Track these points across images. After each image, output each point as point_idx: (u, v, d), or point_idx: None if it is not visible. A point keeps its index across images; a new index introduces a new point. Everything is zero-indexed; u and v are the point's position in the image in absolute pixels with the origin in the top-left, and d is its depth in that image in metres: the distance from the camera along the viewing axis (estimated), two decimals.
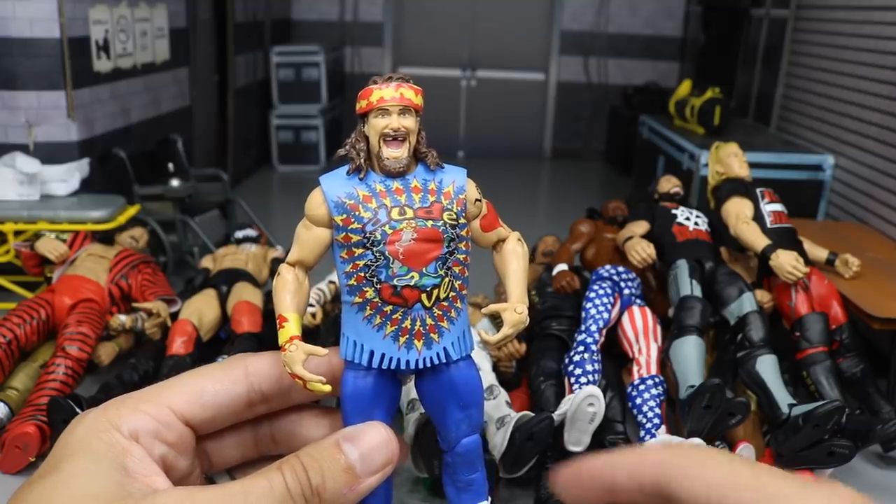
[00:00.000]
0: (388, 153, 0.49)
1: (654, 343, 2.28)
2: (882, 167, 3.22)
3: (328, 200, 0.50)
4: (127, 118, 3.66)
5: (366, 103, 0.51)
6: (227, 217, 3.80)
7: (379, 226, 0.48)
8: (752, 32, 4.76)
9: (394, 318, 0.48)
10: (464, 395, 0.51)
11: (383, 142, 0.50)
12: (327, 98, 5.73)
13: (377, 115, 0.50)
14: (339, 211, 0.49)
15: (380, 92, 0.50)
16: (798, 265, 2.35)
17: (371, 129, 0.50)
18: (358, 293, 0.48)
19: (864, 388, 2.32)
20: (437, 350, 0.49)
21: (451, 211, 0.50)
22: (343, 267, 0.49)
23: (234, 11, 4.93)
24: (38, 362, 2.36)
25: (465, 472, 0.51)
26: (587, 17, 6.35)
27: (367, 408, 0.49)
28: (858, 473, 2.20)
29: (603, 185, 5.70)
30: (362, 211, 0.49)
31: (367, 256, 0.48)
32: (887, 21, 3.23)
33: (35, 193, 2.99)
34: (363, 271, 0.48)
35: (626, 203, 3.00)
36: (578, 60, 6.41)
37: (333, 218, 0.49)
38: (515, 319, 0.52)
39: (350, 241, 0.48)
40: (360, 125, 0.51)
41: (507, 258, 0.55)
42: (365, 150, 0.51)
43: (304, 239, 0.52)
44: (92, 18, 3.29)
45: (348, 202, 0.49)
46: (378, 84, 0.51)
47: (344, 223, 0.49)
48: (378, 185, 0.50)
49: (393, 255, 0.48)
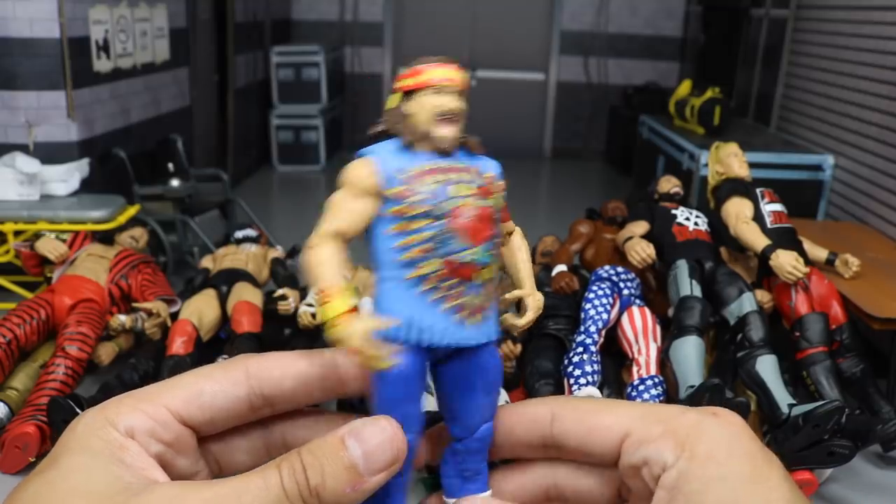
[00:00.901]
0: (442, 132, 0.49)
1: (653, 343, 2.28)
2: (882, 167, 3.22)
3: (382, 172, 0.48)
4: (127, 118, 3.66)
5: (419, 80, 0.50)
6: (227, 217, 3.80)
7: (443, 199, 0.47)
8: (752, 32, 4.76)
9: (452, 294, 0.48)
10: (491, 380, 0.50)
11: (437, 121, 0.49)
12: (327, 98, 5.73)
13: (431, 92, 0.50)
14: (393, 183, 0.48)
15: (436, 71, 0.50)
16: (798, 265, 2.35)
17: (422, 106, 0.50)
18: (415, 267, 0.47)
19: (864, 388, 2.32)
20: (485, 329, 0.49)
21: (494, 196, 0.50)
22: (393, 241, 0.47)
23: (234, 11, 4.93)
24: (38, 362, 2.36)
25: (478, 461, 0.50)
26: (587, 17, 6.35)
27: (412, 389, 0.47)
28: (858, 473, 2.20)
29: (603, 185, 5.70)
30: (422, 184, 0.48)
31: (431, 229, 0.47)
32: (887, 21, 3.23)
33: (35, 193, 2.99)
34: (427, 243, 0.47)
35: (626, 203, 3.00)
36: (578, 60, 6.41)
37: (385, 191, 0.48)
38: (538, 305, 0.53)
39: (408, 213, 0.47)
40: (398, 103, 0.51)
41: (516, 250, 0.56)
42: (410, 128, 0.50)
43: (347, 209, 0.49)
44: (92, 18, 3.29)
45: (403, 175, 0.48)
46: (431, 63, 0.51)
47: (402, 195, 0.48)
48: (428, 163, 0.49)
49: (456, 230, 0.47)
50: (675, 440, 0.40)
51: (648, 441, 0.41)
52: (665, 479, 0.39)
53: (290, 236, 3.81)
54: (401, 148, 0.50)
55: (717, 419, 0.41)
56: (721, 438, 0.40)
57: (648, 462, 0.41)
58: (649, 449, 0.41)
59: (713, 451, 0.39)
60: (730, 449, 0.39)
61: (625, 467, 0.43)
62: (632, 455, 0.42)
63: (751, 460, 0.39)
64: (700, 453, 0.39)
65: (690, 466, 0.39)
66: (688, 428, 0.40)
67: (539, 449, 0.47)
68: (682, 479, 0.39)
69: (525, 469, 0.49)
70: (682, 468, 0.39)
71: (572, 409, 0.46)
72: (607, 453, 0.44)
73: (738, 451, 0.39)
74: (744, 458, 0.39)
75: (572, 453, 0.46)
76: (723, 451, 0.39)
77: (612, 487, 0.45)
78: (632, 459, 0.42)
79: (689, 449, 0.39)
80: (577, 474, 0.47)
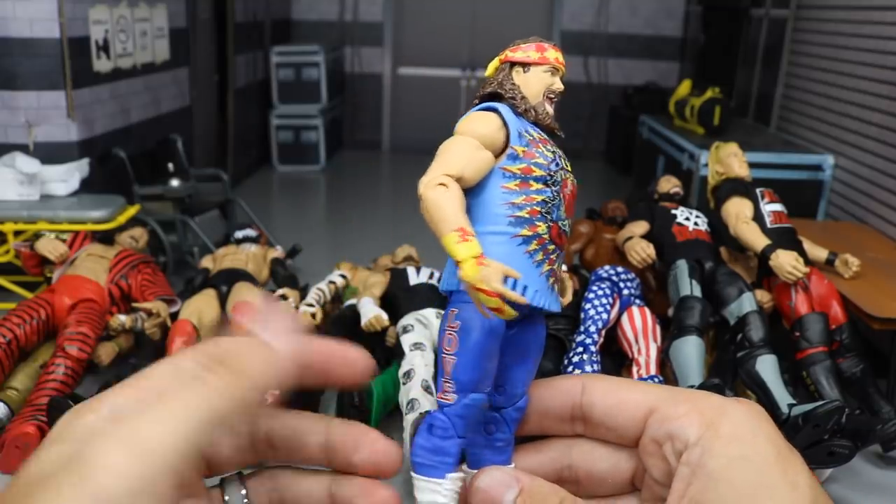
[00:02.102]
0: (549, 109, 0.52)
1: (653, 343, 2.28)
2: (882, 167, 3.22)
3: (510, 127, 0.49)
4: (127, 118, 3.66)
5: (539, 56, 0.52)
6: (227, 217, 3.80)
7: (558, 168, 0.49)
8: (752, 32, 4.76)
9: (551, 258, 0.48)
10: (542, 348, 0.51)
11: (546, 98, 0.52)
12: (327, 98, 5.73)
13: (548, 71, 0.52)
14: (521, 141, 0.49)
15: (554, 52, 0.53)
16: (798, 265, 2.35)
17: (536, 81, 0.52)
18: (528, 226, 0.47)
19: (864, 388, 2.32)
20: (556, 297, 0.50)
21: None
22: (509, 197, 0.48)
23: (234, 11, 4.93)
24: (38, 362, 2.36)
25: (510, 431, 0.49)
26: (587, 17, 6.35)
27: (494, 346, 0.47)
28: (858, 473, 2.20)
29: (603, 185, 5.70)
30: (544, 149, 0.50)
31: (545, 192, 0.48)
32: (887, 21, 3.23)
33: (35, 193, 2.99)
34: (540, 206, 0.48)
35: (626, 203, 3.00)
36: (578, 60, 6.41)
37: (513, 147, 0.48)
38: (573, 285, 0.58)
39: (530, 173, 0.48)
40: (511, 73, 0.52)
41: None
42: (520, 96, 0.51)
43: (471, 157, 0.48)
44: (92, 18, 3.29)
45: (528, 136, 0.50)
46: (548, 43, 0.53)
47: (526, 155, 0.49)
48: (537, 133, 0.51)
49: (564, 198, 0.49)
50: (701, 418, 0.41)
51: (674, 417, 0.42)
52: (688, 456, 0.40)
53: (290, 236, 3.81)
54: (516, 112, 0.51)
55: (742, 404, 0.41)
56: (745, 421, 0.40)
57: (672, 437, 0.41)
58: (674, 425, 0.41)
59: (738, 431, 0.40)
60: (754, 431, 0.40)
61: (647, 443, 0.43)
62: (656, 430, 0.42)
63: (774, 445, 0.39)
64: (725, 433, 0.40)
65: (715, 445, 0.39)
66: (713, 409, 0.41)
67: (566, 422, 0.47)
68: (706, 456, 0.39)
69: (541, 449, 0.49)
70: (707, 446, 0.39)
71: (603, 383, 0.47)
72: (631, 427, 0.44)
73: (761, 435, 0.40)
74: (768, 442, 0.39)
75: (597, 426, 0.46)
76: (747, 431, 0.40)
77: (627, 472, 0.46)
78: (656, 434, 0.42)
79: (714, 428, 0.40)
80: (594, 456, 0.47)
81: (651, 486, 0.43)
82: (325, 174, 5.76)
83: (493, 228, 0.47)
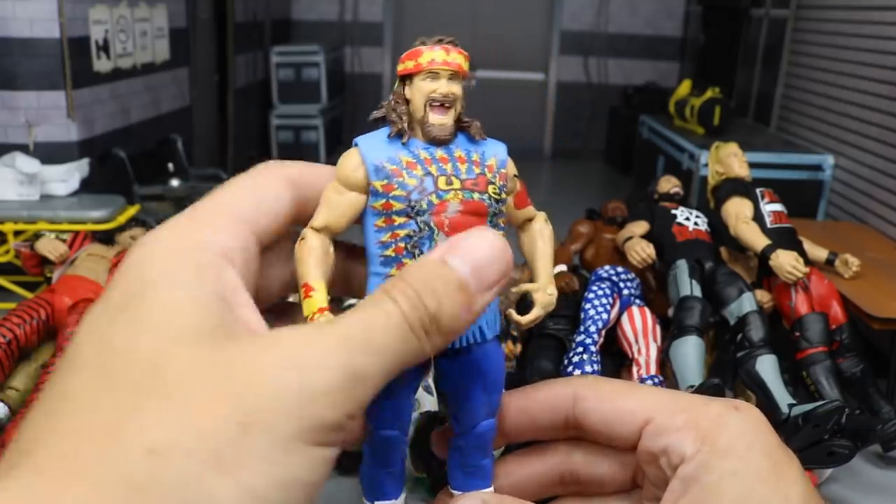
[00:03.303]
0: (434, 119, 0.47)
1: (653, 343, 2.28)
2: (882, 167, 3.22)
3: (367, 163, 0.46)
4: (127, 118, 3.66)
5: (413, 64, 0.48)
6: None
7: (425, 195, 0.45)
8: (752, 32, 4.76)
9: None
10: (490, 377, 0.49)
11: (430, 107, 0.47)
12: (327, 98, 5.73)
13: (425, 77, 0.47)
14: (378, 175, 0.46)
15: (430, 54, 0.48)
16: (798, 265, 2.35)
17: (417, 92, 0.47)
18: (395, 264, 0.45)
19: (864, 388, 2.32)
20: (473, 329, 0.47)
21: (494, 185, 0.48)
22: (378, 236, 0.46)
23: (234, 11, 4.93)
24: (38, 362, 2.35)
25: (478, 457, 0.48)
26: (587, 17, 6.35)
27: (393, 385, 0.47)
28: (858, 473, 2.20)
29: (603, 185, 5.70)
30: (406, 177, 0.46)
31: (409, 226, 0.45)
32: (887, 21, 3.23)
33: (35, 193, 2.99)
34: (404, 241, 0.45)
35: (626, 203, 3.00)
36: (578, 60, 6.41)
37: (372, 183, 0.46)
38: (546, 301, 0.51)
39: (391, 208, 0.45)
40: (399, 87, 0.48)
41: (535, 239, 0.53)
42: (406, 114, 0.48)
43: (334, 203, 0.47)
44: (92, 18, 3.29)
45: (390, 167, 0.46)
46: (427, 45, 0.48)
47: (385, 189, 0.45)
48: (422, 152, 0.47)
49: (438, 227, 0.45)
50: (697, 432, 0.40)
51: (670, 430, 0.41)
52: (682, 470, 0.40)
53: None
54: (392, 137, 0.47)
55: (739, 413, 0.41)
56: (742, 433, 0.40)
57: (668, 451, 0.41)
58: (670, 438, 0.41)
59: (733, 444, 0.39)
60: (749, 444, 0.39)
61: (643, 452, 0.43)
62: (652, 442, 0.42)
63: (769, 456, 0.39)
64: (720, 447, 0.39)
65: (709, 459, 0.39)
66: (710, 420, 0.40)
67: (561, 430, 0.47)
68: (699, 471, 0.39)
69: (541, 455, 0.49)
70: (702, 461, 0.39)
71: (595, 390, 0.46)
72: (627, 436, 0.44)
73: (757, 447, 0.39)
74: (762, 454, 0.39)
75: (593, 434, 0.46)
76: (742, 445, 0.39)
77: (628, 472, 0.46)
78: (651, 446, 0.42)
79: (710, 442, 0.40)
80: (595, 460, 0.46)
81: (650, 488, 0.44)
82: None
83: (373, 269, 0.47)
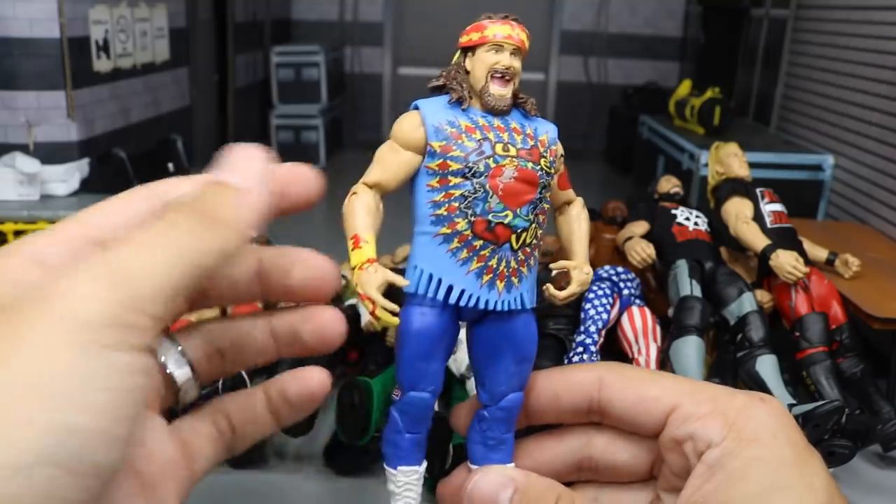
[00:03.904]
0: (495, 90, 0.48)
1: (653, 343, 2.28)
2: (882, 167, 3.23)
3: (427, 124, 0.47)
4: (127, 118, 3.66)
5: (478, 36, 0.50)
6: None
7: (483, 157, 0.46)
8: (752, 32, 4.76)
9: (481, 255, 0.47)
10: (523, 348, 0.50)
11: (491, 78, 0.48)
12: (327, 98, 5.73)
13: (490, 49, 0.49)
14: (438, 137, 0.47)
15: (495, 28, 0.50)
16: (798, 265, 2.35)
17: (479, 63, 0.49)
18: (447, 223, 0.46)
19: (864, 388, 2.32)
20: (516, 295, 0.49)
21: (546, 158, 0.49)
22: (430, 196, 0.47)
23: (234, 11, 4.93)
24: None
25: (501, 430, 0.49)
26: (587, 17, 6.36)
27: (429, 347, 0.47)
28: (858, 473, 2.20)
29: (603, 185, 5.70)
30: (465, 140, 0.47)
31: (464, 186, 0.46)
32: (887, 21, 3.23)
33: (35, 193, 2.99)
34: (458, 201, 0.46)
35: (626, 203, 3.00)
36: (578, 60, 6.41)
37: (430, 143, 0.47)
38: (583, 279, 0.53)
39: (447, 168, 0.46)
40: (460, 58, 0.51)
41: (573, 220, 0.56)
42: (467, 83, 0.49)
43: (389, 161, 0.49)
44: (92, 18, 3.29)
45: (449, 129, 0.47)
46: (493, 20, 0.50)
47: (443, 150, 0.47)
48: (480, 119, 0.48)
49: (493, 190, 0.46)
50: (724, 420, 0.41)
51: (696, 417, 0.42)
52: (708, 456, 0.40)
53: (291, 236, 3.81)
54: (452, 103, 0.48)
55: (765, 404, 0.42)
56: (767, 422, 0.41)
57: (694, 438, 0.41)
58: (696, 425, 0.41)
59: (759, 433, 0.40)
60: (775, 433, 0.40)
61: (667, 439, 0.43)
62: (677, 428, 0.42)
63: (794, 446, 0.40)
64: (746, 434, 0.40)
65: (736, 446, 0.40)
66: (736, 410, 0.41)
67: (583, 414, 0.47)
68: (725, 458, 0.40)
69: (562, 439, 0.49)
70: (728, 447, 0.40)
71: (620, 377, 0.46)
72: (651, 423, 0.44)
73: (782, 436, 0.40)
74: (788, 443, 0.40)
75: (616, 420, 0.46)
76: (768, 434, 0.40)
77: (647, 462, 0.46)
78: (677, 433, 0.42)
79: (737, 430, 0.40)
80: (615, 447, 0.47)
81: (668, 477, 0.44)
82: (325, 174, 5.76)
83: (421, 228, 0.48)
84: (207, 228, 0.34)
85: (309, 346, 0.42)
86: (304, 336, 0.42)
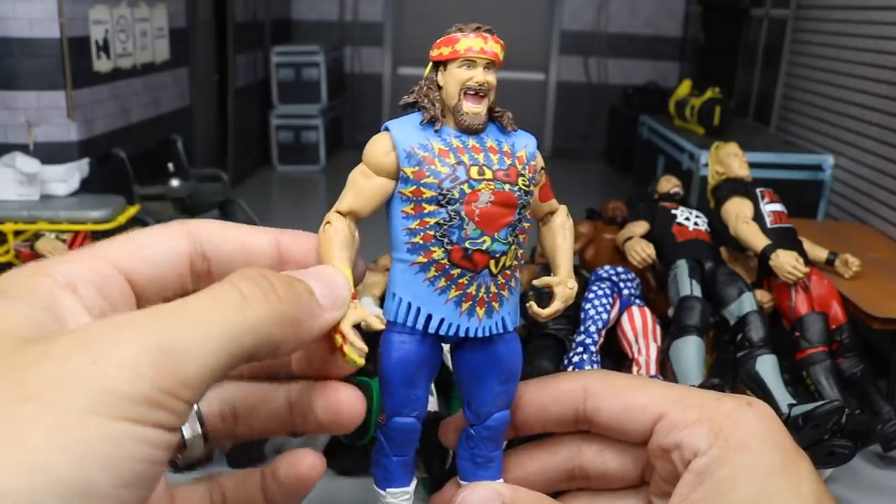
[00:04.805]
0: (468, 107, 0.46)
1: (653, 343, 2.28)
2: (882, 167, 3.23)
3: (398, 149, 0.45)
4: (127, 118, 3.66)
5: (449, 51, 0.48)
6: (227, 217, 3.80)
7: (458, 183, 0.44)
8: (752, 32, 4.76)
9: (459, 283, 0.45)
10: (507, 369, 0.48)
11: (464, 95, 0.46)
12: (327, 98, 5.73)
13: (462, 65, 0.47)
14: (410, 162, 0.45)
15: (468, 41, 0.49)
16: (798, 265, 2.35)
17: (451, 79, 0.47)
18: (423, 252, 0.45)
19: (864, 388, 2.32)
20: (497, 319, 0.47)
21: (524, 176, 0.47)
22: (405, 223, 0.45)
23: (234, 11, 4.93)
24: None
25: (489, 448, 0.49)
26: (587, 17, 6.35)
27: (411, 375, 0.46)
28: (858, 473, 2.20)
29: (603, 185, 5.70)
30: (439, 165, 0.45)
31: (439, 214, 0.44)
32: (887, 21, 3.23)
33: (35, 193, 2.99)
34: (433, 230, 0.45)
35: (626, 203, 3.00)
36: (578, 60, 6.41)
37: (402, 169, 0.45)
38: (567, 294, 0.51)
39: (421, 195, 0.45)
40: (432, 73, 0.48)
41: (557, 232, 0.53)
42: (439, 100, 0.47)
43: (361, 187, 0.46)
44: (92, 18, 3.29)
45: (422, 154, 0.45)
46: (464, 33, 0.49)
47: (416, 176, 0.45)
48: (454, 140, 0.46)
49: (469, 217, 0.44)
50: (711, 427, 0.40)
51: (683, 425, 0.41)
52: (696, 464, 0.40)
53: None
54: (424, 124, 0.46)
55: (752, 409, 0.41)
56: (755, 429, 0.40)
57: (681, 446, 0.41)
58: (683, 433, 0.41)
59: (746, 440, 0.40)
60: (763, 439, 0.40)
61: (655, 447, 0.43)
62: (664, 437, 0.42)
63: (783, 452, 0.39)
64: (734, 442, 0.39)
65: (723, 454, 0.39)
66: (723, 416, 0.41)
67: (570, 424, 0.47)
68: (713, 466, 0.39)
69: (551, 449, 0.49)
70: (715, 455, 0.39)
71: (606, 386, 0.46)
72: (639, 431, 0.44)
73: (770, 442, 0.40)
74: (775, 450, 0.39)
75: (604, 429, 0.46)
76: (756, 440, 0.40)
77: (637, 468, 0.46)
78: (664, 441, 0.42)
79: (724, 437, 0.40)
80: (604, 455, 0.47)
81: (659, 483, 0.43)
82: (325, 174, 5.76)
83: (398, 255, 0.46)
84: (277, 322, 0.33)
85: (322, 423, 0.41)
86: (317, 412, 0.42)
